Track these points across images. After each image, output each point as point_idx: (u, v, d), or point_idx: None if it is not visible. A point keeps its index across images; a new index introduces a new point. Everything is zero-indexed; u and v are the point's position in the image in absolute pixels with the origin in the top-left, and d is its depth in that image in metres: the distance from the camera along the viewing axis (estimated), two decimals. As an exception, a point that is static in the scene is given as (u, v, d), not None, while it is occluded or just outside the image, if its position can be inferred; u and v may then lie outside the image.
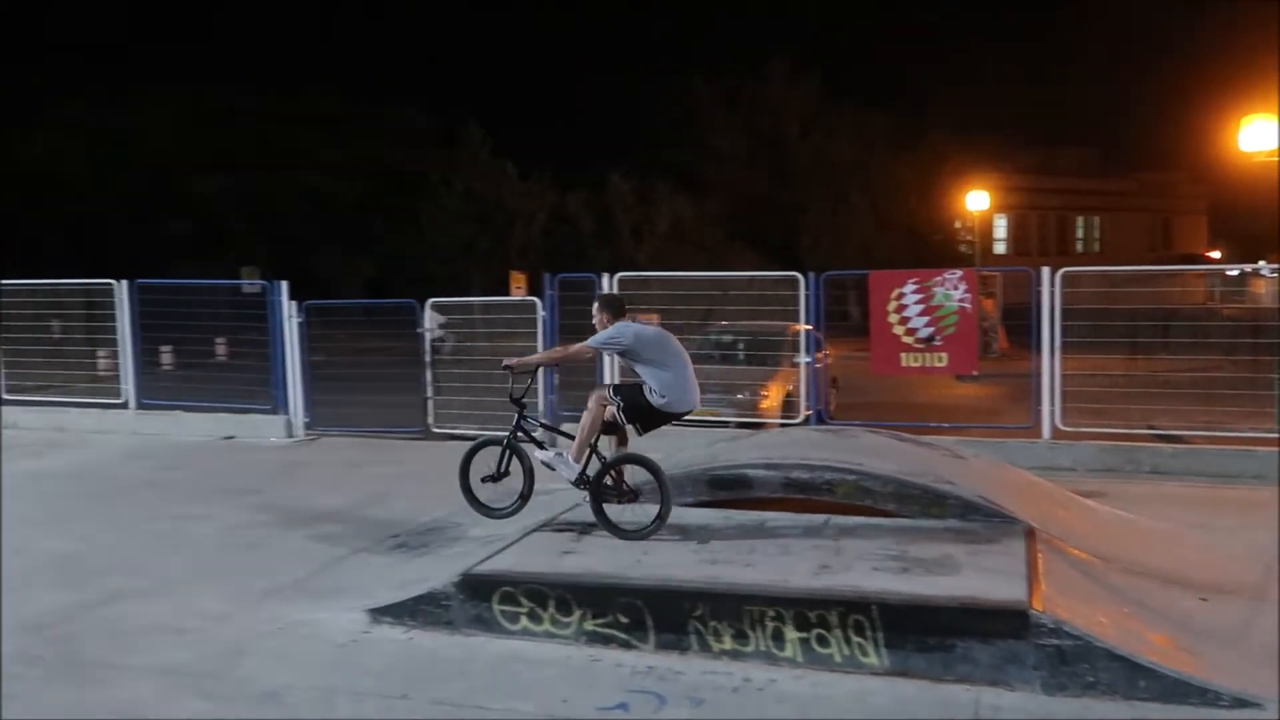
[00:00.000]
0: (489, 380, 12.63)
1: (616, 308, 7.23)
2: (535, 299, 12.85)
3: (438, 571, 6.73)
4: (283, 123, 37.05)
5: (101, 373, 15.82)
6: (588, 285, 12.70)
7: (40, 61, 42.16)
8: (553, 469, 7.10)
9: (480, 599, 6.16)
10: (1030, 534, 6.57)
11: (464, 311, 15.14)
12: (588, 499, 7.02)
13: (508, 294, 28.10)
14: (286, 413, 13.30)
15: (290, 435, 13.21)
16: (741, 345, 13.37)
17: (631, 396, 6.98)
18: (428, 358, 13.07)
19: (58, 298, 15.33)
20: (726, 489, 7.46)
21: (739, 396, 12.52)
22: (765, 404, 12.44)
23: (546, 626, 6.03)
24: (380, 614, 6.37)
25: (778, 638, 5.59)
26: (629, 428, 7.08)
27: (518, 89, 44.02)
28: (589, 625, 5.94)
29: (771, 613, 5.60)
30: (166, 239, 34.61)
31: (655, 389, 6.91)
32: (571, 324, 12.92)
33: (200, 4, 48.98)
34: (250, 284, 19.35)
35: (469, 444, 7.56)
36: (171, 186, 35.61)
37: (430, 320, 13.41)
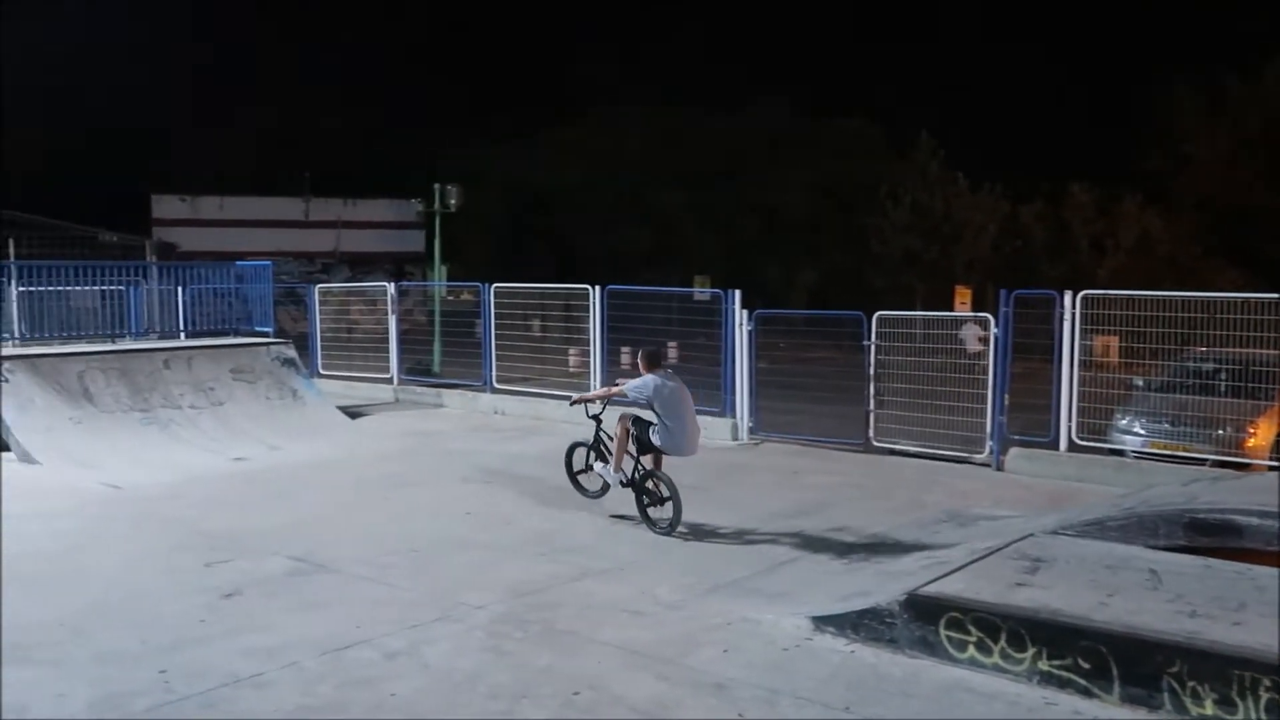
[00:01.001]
0: (933, 396, 12.35)
1: (653, 360, 9.17)
2: (988, 315, 12.32)
3: (881, 587, 6.65)
4: (738, 137, 38.67)
5: (572, 369, 17.44)
6: (1045, 303, 11.96)
7: (549, 88, 47.56)
8: (603, 478, 9.44)
9: (926, 621, 5.99)
10: None
11: (907, 326, 14.86)
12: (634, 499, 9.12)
13: (951, 309, 27.28)
14: (733, 416, 13.82)
15: (735, 438, 13.72)
16: (1225, 375, 11.89)
17: (641, 431, 9.08)
18: (871, 370, 12.97)
19: (542, 300, 17.12)
20: (1207, 534, 6.66)
21: (1219, 432, 11.16)
22: (1252, 442, 10.98)
23: (996, 660, 5.73)
24: (823, 622, 6.40)
25: (1275, 711, 4.89)
26: None
27: (971, 98, 42.50)
28: (1044, 665, 5.57)
29: (1267, 682, 4.90)
30: (630, 248, 37.51)
31: (657, 431, 8.96)
32: (1025, 343, 12.25)
33: (668, 29, 52.39)
34: (701, 291, 20.34)
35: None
36: (638, 200, 38.52)
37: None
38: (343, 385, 18.84)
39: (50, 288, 14.86)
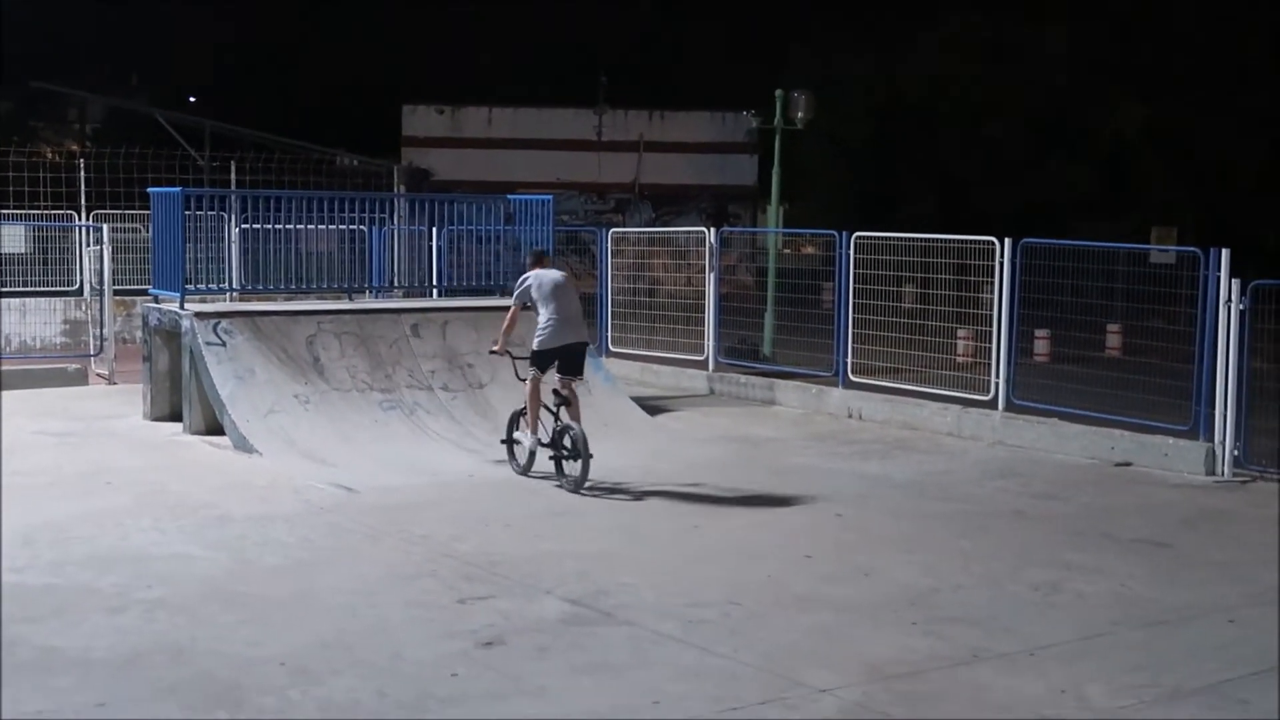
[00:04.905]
0: None
1: (536, 258, 12.95)
2: None
3: None
4: (1229, 18, 36.26)
5: (961, 358, 17.12)
6: None
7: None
8: (523, 443, 12.52)
9: None
10: None
11: None
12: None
13: None
14: (1209, 439, 13.10)
15: (1211, 472, 13.00)
16: None
17: (539, 363, 12.24)
18: None
19: (922, 258, 16.89)
20: None
21: None
22: None
23: None
24: (1354, 764, 5.95)
25: None
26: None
27: None
28: None
29: None
30: (1056, 189, 36.16)
31: (538, 333, 12.15)
32: None
33: None
34: (1163, 250, 19.41)
35: None
36: (1069, 119, 37.04)
37: None
38: (639, 368, 19.49)
39: (276, 226, 16.27)
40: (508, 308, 16.12)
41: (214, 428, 13.91)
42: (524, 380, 12.32)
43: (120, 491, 11.57)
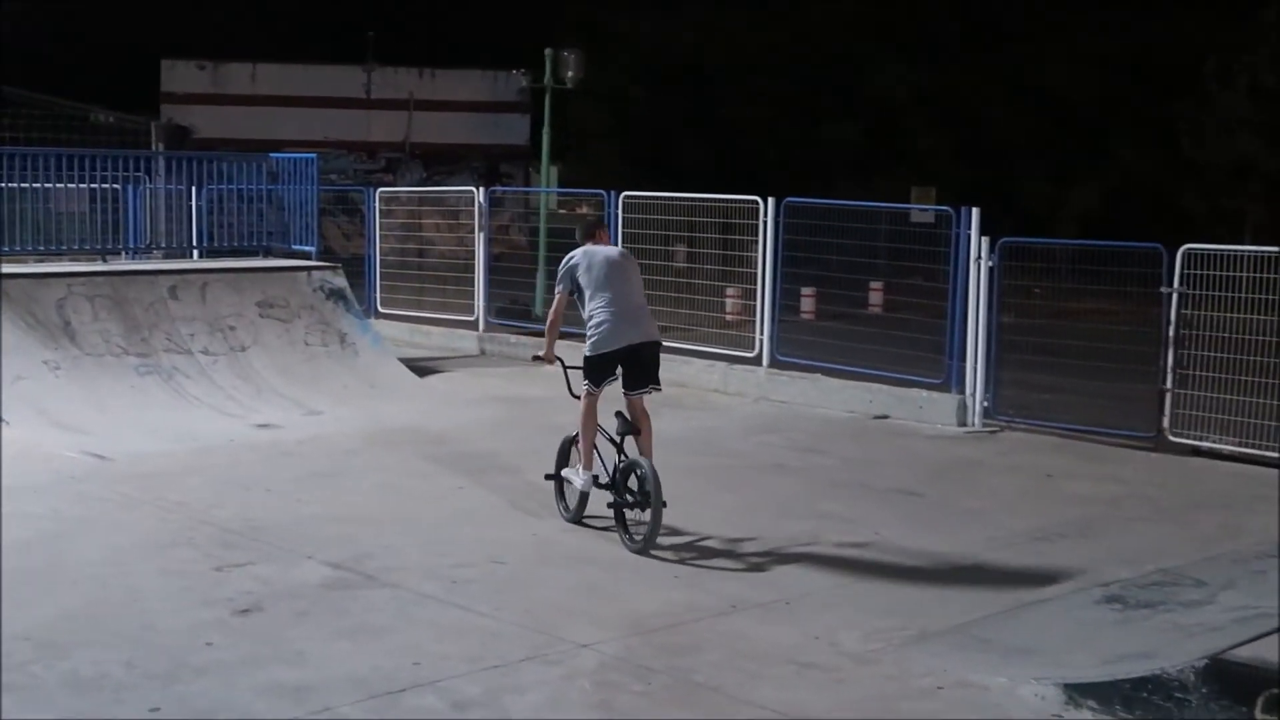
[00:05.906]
0: (1267, 372, 11.94)
1: (587, 231, 9.59)
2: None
3: (1169, 646, 6.63)
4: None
5: (729, 316, 17.45)
6: None
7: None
8: (574, 483, 9.43)
9: (1237, 699, 5.89)
10: None
11: (1231, 267, 14.35)
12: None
13: (1301, 244, 26.13)
14: (961, 391, 13.66)
15: (963, 423, 13.56)
16: None
17: (594, 374, 9.28)
18: (1171, 330, 12.62)
19: (690, 216, 17.12)
20: None
21: None
22: None
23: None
24: (1081, 693, 6.34)
25: None
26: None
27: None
28: None
29: None
30: (827, 147, 37.10)
31: (591, 332, 9.10)
32: None
33: None
34: (922, 209, 20.03)
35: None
36: (839, 80, 37.97)
37: None
38: (409, 329, 19.35)
39: (23, 185, 15.62)
40: (271, 269, 15.73)
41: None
42: (578, 397, 9.50)
43: None
